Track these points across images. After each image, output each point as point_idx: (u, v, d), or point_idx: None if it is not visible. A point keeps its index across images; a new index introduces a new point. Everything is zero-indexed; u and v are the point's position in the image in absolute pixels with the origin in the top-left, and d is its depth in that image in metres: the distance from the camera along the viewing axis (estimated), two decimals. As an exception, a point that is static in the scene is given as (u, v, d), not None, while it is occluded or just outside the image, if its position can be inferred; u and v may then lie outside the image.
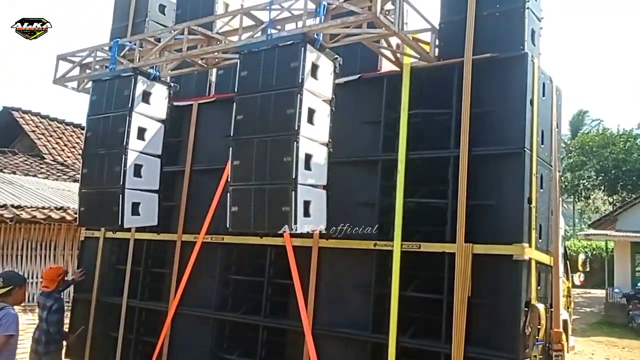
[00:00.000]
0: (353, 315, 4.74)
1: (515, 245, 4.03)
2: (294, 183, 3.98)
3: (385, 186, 4.74)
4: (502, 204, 4.20)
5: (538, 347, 4.16)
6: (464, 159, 4.29)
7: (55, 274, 6.01)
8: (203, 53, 4.87)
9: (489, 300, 4.13)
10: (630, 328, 16.85)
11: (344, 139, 4.75)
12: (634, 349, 14.05)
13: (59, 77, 5.86)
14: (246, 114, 4.33)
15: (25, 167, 12.59)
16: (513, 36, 4.39)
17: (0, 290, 4.86)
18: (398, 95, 4.73)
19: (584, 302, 21.63)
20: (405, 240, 4.46)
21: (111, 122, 5.19)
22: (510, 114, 4.26)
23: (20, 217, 8.69)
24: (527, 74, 4.24)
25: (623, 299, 18.72)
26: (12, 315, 4.50)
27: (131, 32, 6.55)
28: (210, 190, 5.64)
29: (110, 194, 5.10)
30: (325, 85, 4.35)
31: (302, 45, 4.12)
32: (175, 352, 5.74)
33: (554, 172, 4.66)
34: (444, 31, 4.74)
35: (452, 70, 4.54)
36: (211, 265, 5.63)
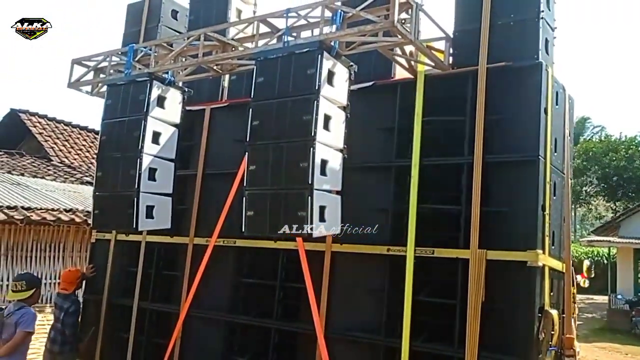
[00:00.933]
0: (365, 320, 4.78)
1: (530, 252, 4.08)
2: (310, 188, 4.03)
3: (399, 192, 4.78)
4: (515, 210, 4.25)
5: (551, 352, 4.20)
6: (478, 166, 4.34)
7: (75, 277, 6.07)
8: (219, 59, 4.93)
9: (503, 306, 4.16)
10: (633, 334, 16.89)
11: (357, 145, 4.79)
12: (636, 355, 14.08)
13: (74, 81, 5.91)
14: (262, 120, 4.37)
15: (33, 169, 12.65)
16: (527, 45, 4.44)
17: (25, 294, 5.09)
18: (412, 102, 4.78)
19: (587, 308, 21.65)
20: (419, 246, 4.50)
21: (126, 126, 5.24)
22: (525, 122, 4.31)
23: (30, 219, 8.75)
24: (542, 82, 4.29)
25: (626, 305, 18.76)
26: (32, 313, 4.82)
27: (144, 38, 6.62)
28: (222, 194, 5.68)
29: (124, 197, 5.15)
30: (340, 92, 4.40)
31: (319, 52, 4.16)
32: (186, 354, 5.78)
33: (566, 179, 4.71)
34: (458, 40, 4.79)
35: (466, 78, 4.59)
36: (223, 268, 5.67)
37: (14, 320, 5.02)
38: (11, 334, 4.99)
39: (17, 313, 5.06)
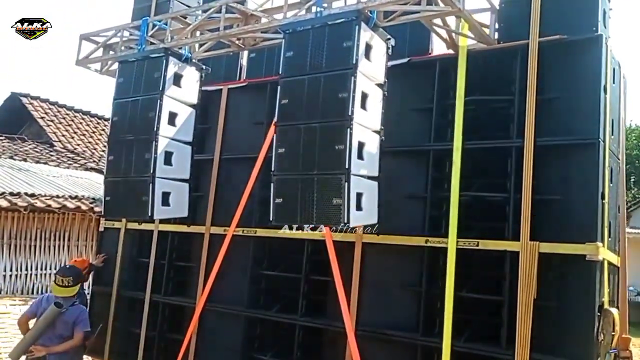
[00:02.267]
0: (400, 317, 4.42)
1: (589, 245, 3.69)
2: (347, 173, 3.65)
3: (437, 178, 4.40)
4: (571, 199, 3.86)
5: (610, 355, 3.84)
6: (529, 150, 3.95)
7: (82, 267, 5.71)
8: (242, 32, 4.51)
9: (557, 304, 3.79)
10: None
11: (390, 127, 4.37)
12: (649, 348, 13.78)
13: (82, 58, 5.51)
14: (292, 98, 3.98)
15: (36, 154, 12.26)
16: (585, 17, 4.02)
17: (73, 290, 5.03)
18: (451, 80, 4.38)
19: (597, 299, 21.31)
20: (461, 237, 4.12)
21: (140, 106, 4.85)
22: (582, 102, 3.91)
23: (34, 206, 8.38)
24: (602, 58, 3.89)
25: (638, 297, 18.44)
26: (87, 311, 5.00)
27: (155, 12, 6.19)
28: (241, 180, 5.31)
29: (139, 182, 4.77)
30: (378, 67, 4.00)
31: (357, 23, 3.77)
32: (203, 350, 5.44)
33: (622, 164, 4.32)
34: (505, 12, 4.38)
35: (514, 54, 4.19)
36: (242, 259, 5.29)
37: (72, 319, 4.94)
38: (67, 331, 4.92)
39: (73, 310, 4.98)
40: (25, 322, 5.06)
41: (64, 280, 4.98)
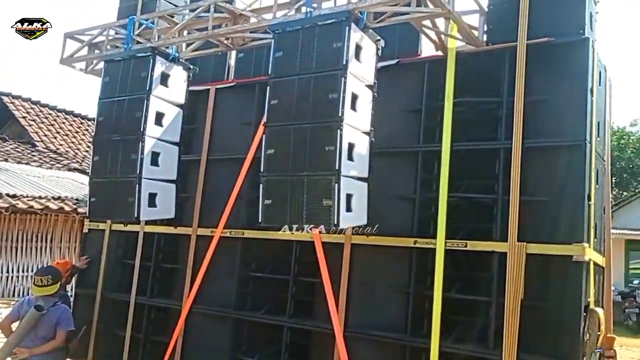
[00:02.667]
0: (388, 318, 4.43)
1: (576, 245, 3.73)
2: (337, 174, 3.64)
3: (426, 179, 4.42)
4: (558, 200, 3.90)
5: (596, 354, 3.88)
6: (517, 151, 3.98)
7: (64, 269, 5.60)
8: (231, 32, 4.48)
9: (544, 304, 3.83)
10: (626, 326, 16.85)
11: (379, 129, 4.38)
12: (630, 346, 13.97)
13: (67, 57, 5.42)
14: (282, 99, 3.97)
15: (17, 154, 12.05)
16: (572, 20, 4.08)
17: (52, 288, 4.85)
18: (440, 82, 4.41)
19: (578, 299, 21.60)
20: (449, 238, 4.14)
21: (126, 106, 4.79)
22: (569, 104, 3.96)
23: (16, 207, 8.23)
24: (588, 60, 3.94)
25: (618, 296, 18.73)
26: (69, 310, 4.86)
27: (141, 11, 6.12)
28: (228, 181, 5.27)
29: (125, 183, 4.71)
30: (368, 68, 4.01)
31: (347, 24, 3.77)
32: (189, 353, 5.38)
33: (607, 166, 4.38)
34: (493, 14, 4.42)
35: (502, 56, 4.23)
36: (229, 261, 5.26)
37: (54, 320, 4.79)
38: (49, 333, 4.79)
39: (55, 311, 4.82)
40: (8, 325, 4.95)
41: (43, 279, 4.87)
